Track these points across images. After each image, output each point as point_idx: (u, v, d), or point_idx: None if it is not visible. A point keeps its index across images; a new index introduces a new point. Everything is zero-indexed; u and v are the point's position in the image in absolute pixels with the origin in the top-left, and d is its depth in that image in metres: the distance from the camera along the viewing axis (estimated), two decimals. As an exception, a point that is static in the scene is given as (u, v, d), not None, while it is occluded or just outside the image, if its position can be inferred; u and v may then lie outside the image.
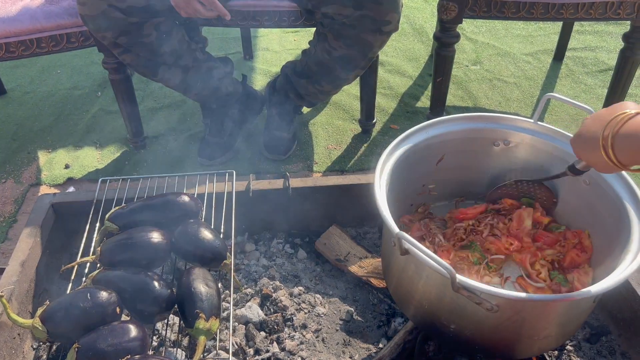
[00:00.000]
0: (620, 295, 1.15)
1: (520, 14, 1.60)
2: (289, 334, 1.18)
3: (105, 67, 1.68)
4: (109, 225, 1.15)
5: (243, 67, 2.32)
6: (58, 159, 1.87)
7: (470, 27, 2.59)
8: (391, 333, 1.20)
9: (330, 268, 1.39)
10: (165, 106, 2.11)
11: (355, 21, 1.46)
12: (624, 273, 0.87)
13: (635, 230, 0.95)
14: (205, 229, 1.10)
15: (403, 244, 0.89)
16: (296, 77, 1.73)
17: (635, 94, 2.10)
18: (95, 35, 1.52)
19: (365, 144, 1.91)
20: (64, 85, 2.26)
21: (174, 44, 1.55)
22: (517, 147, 1.21)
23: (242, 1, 1.61)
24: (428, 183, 1.29)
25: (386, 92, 2.16)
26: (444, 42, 1.69)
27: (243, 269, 1.37)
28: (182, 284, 1.01)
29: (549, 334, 0.97)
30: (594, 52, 2.37)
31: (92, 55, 2.39)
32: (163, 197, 1.18)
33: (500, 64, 2.33)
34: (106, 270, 1.04)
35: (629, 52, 1.68)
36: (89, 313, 0.93)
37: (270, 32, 2.60)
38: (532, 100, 2.10)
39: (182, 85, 1.67)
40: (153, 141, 1.94)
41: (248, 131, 1.94)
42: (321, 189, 1.41)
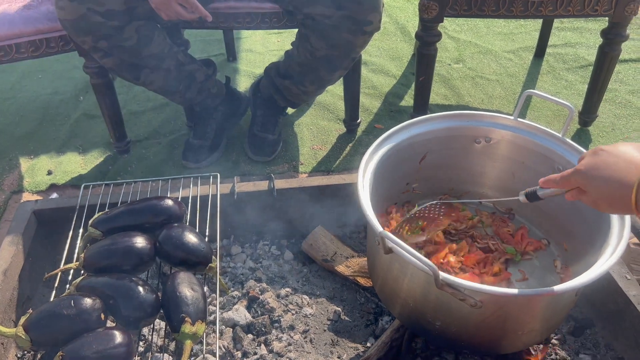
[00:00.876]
0: (602, 288, 1.17)
1: (500, 12, 1.61)
2: (276, 336, 1.18)
3: (86, 71, 1.67)
4: (92, 231, 1.14)
5: (226, 69, 2.31)
6: (40, 165, 1.85)
7: (452, 26, 2.60)
8: (379, 332, 1.20)
9: (317, 268, 1.39)
10: (149, 110, 2.10)
11: (337, 21, 1.47)
12: (604, 266, 0.88)
13: (615, 224, 0.96)
14: (189, 232, 1.09)
15: (387, 243, 0.90)
16: (280, 79, 1.73)
17: (615, 89, 2.12)
18: (75, 39, 1.51)
19: (351, 144, 1.91)
20: (45, 90, 2.24)
21: (156, 47, 1.54)
22: (498, 144, 1.22)
23: (223, 3, 1.61)
24: (412, 182, 1.30)
25: (370, 91, 2.17)
26: (426, 41, 1.70)
27: (229, 271, 1.37)
28: (167, 289, 1.01)
29: (533, 328, 0.98)
30: (574, 49, 2.40)
31: (73, 60, 2.36)
32: (146, 201, 1.17)
33: (483, 62, 2.35)
34: (90, 277, 1.03)
35: (607, 48, 1.70)
36: (73, 320, 0.92)
37: (253, 34, 2.60)
38: (514, 97, 2.12)
39: (164, 88, 1.66)
40: (137, 145, 1.92)
41: (232, 133, 1.94)
42: (306, 190, 1.42)
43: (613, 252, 0.91)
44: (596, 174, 0.77)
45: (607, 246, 0.94)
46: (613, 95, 2.09)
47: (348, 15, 1.45)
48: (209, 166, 1.80)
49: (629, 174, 0.73)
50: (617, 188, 0.74)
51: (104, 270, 1.04)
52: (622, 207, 0.74)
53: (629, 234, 0.94)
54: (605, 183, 0.75)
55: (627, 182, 0.72)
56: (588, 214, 1.07)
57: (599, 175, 0.76)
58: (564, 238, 1.19)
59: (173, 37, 1.66)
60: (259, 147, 1.82)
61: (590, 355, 1.15)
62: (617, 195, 0.74)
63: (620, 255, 0.90)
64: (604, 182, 0.76)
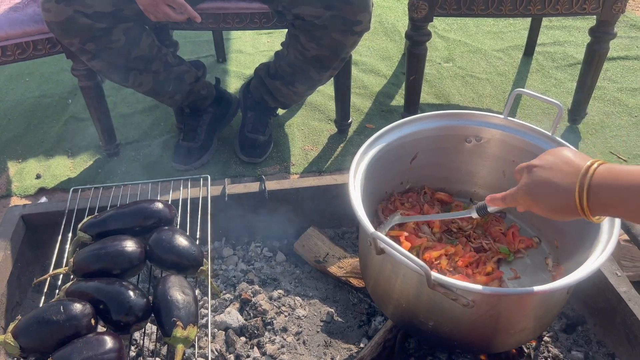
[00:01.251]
0: (594, 286, 1.17)
1: (489, 11, 1.62)
2: (269, 338, 1.18)
3: (74, 74, 1.65)
4: (82, 235, 1.12)
5: (216, 70, 2.30)
6: (29, 169, 1.83)
7: (441, 25, 2.61)
8: (372, 332, 1.20)
9: (310, 270, 1.38)
10: (138, 112, 2.09)
11: (327, 22, 1.46)
12: (595, 263, 0.89)
13: (604, 222, 0.97)
14: (180, 235, 1.08)
15: (378, 244, 0.89)
16: (270, 79, 1.72)
17: (604, 87, 2.14)
18: (62, 42, 1.49)
19: (342, 144, 1.91)
20: (33, 93, 2.22)
21: (144, 48, 1.53)
22: (488, 143, 1.22)
23: (212, 3, 1.60)
24: (404, 181, 1.30)
25: (361, 91, 2.17)
26: (416, 40, 1.71)
27: (221, 274, 1.36)
28: (158, 293, 1.00)
29: (526, 327, 0.98)
30: (562, 47, 2.41)
31: (61, 62, 2.34)
32: (136, 204, 1.16)
33: (472, 61, 2.35)
34: (80, 282, 1.02)
35: (595, 46, 1.71)
36: (62, 326, 0.91)
37: (243, 34, 2.59)
38: (504, 95, 2.13)
39: (154, 90, 1.65)
40: (126, 148, 1.91)
41: (223, 135, 1.93)
42: (298, 191, 1.41)
43: (604, 249, 0.91)
44: (538, 191, 0.80)
45: (598, 243, 0.94)
46: (602, 93, 2.11)
47: (338, 15, 1.44)
48: (200, 168, 1.80)
49: (568, 182, 0.75)
50: (560, 197, 0.76)
51: (93, 274, 1.03)
52: (571, 213, 0.76)
53: (619, 230, 0.94)
54: (549, 197, 0.78)
55: (568, 189, 0.75)
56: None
57: (540, 191, 0.80)
58: (555, 236, 1.20)
59: (162, 39, 1.65)
60: (250, 148, 1.81)
61: (583, 352, 1.15)
62: (562, 203, 0.76)
63: (610, 252, 0.90)
64: (546, 196, 0.79)
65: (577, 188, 0.73)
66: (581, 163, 0.75)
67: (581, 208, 0.74)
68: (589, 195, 0.72)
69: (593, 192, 0.72)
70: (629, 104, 2.06)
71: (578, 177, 0.74)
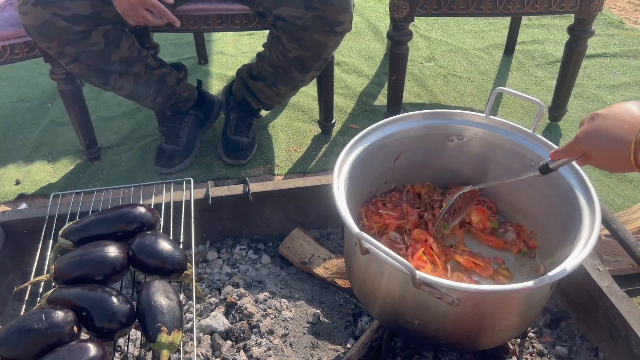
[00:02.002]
0: (576, 281, 1.19)
1: (469, 10, 1.63)
2: (255, 341, 1.17)
3: (53, 78, 1.63)
4: (63, 241, 1.11)
5: (198, 72, 2.28)
6: (8, 175, 1.80)
7: (423, 25, 2.62)
8: (358, 333, 1.20)
9: (295, 271, 1.38)
10: (119, 115, 2.06)
11: (308, 22, 1.46)
12: (577, 259, 0.90)
13: (586, 217, 0.98)
14: (163, 240, 1.07)
15: (363, 244, 0.89)
16: (252, 80, 1.72)
17: (583, 84, 2.17)
18: (40, 45, 1.47)
19: (326, 145, 1.91)
20: (11, 98, 2.18)
21: (124, 51, 1.52)
22: (470, 141, 1.23)
23: (192, 5, 1.59)
24: (388, 181, 1.30)
25: (344, 92, 2.17)
26: (397, 40, 1.71)
27: (206, 278, 1.35)
28: (142, 298, 0.99)
29: (510, 324, 0.99)
30: (542, 45, 2.44)
31: (39, 66, 2.31)
32: (118, 209, 1.14)
33: (454, 60, 2.37)
34: (61, 289, 1.00)
35: (574, 44, 1.73)
36: (44, 334, 0.89)
37: (225, 36, 2.58)
38: (485, 94, 2.14)
39: (134, 93, 1.63)
40: (108, 152, 1.89)
41: (206, 137, 1.92)
42: (282, 192, 1.41)
43: (585, 245, 0.92)
44: (595, 138, 0.80)
45: (580, 239, 0.95)
46: (581, 90, 2.14)
47: (319, 16, 1.44)
48: (183, 171, 1.78)
49: (626, 132, 0.75)
50: (616, 148, 0.76)
51: (76, 281, 1.01)
52: (625, 165, 0.76)
53: (599, 226, 0.96)
54: (605, 145, 0.78)
55: (624, 140, 0.75)
56: (560, 208, 1.09)
57: (597, 139, 0.80)
58: (536, 231, 1.21)
59: (142, 41, 1.63)
60: (233, 150, 1.80)
61: (567, 347, 1.16)
62: (618, 155, 0.76)
63: (592, 248, 0.91)
64: (604, 145, 0.78)
65: (634, 139, 0.73)
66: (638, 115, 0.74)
67: (635, 161, 0.73)
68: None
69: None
70: (608, 100, 2.09)
71: (636, 130, 0.73)
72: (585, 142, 0.82)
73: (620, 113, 0.78)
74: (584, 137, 0.82)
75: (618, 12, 2.74)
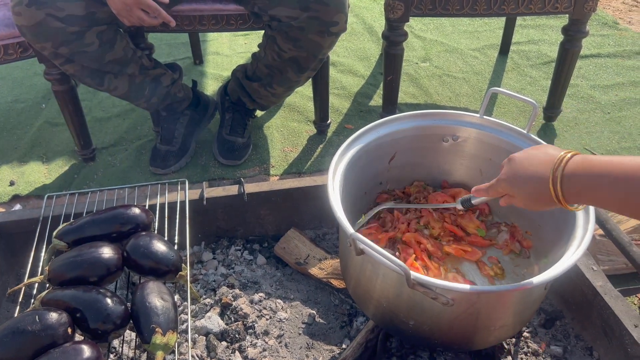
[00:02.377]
0: (570, 280, 1.19)
1: (464, 11, 1.63)
2: (251, 342, 1.17)
3: (47, 78, 1.62)
4: (57, 242, 1.10)
5: (193, 73, 2.28)
6: (2, 176, 1.79)
7: (418, 25, 2.63)
8: (353, 333, 1.20)
9: (291, 272, 1.38)
10: (114, 116, 2.06)
11: (303, 23, 1.46)
12: (571, 259, 0.90)
13: (580, 217, 0.98)
14: (157, 240, 1.07)
15: (358, 245, 0.89)
16: (247, 81, 1.71)
17: (577, 84, 2.18)
18: (34, 46, 1.46)
19: (321, 145, 1.91)
20: (5, 98, 2.17)
21: (119, 52, 1.51)
22: (465, 141, 1.23)
23: (187, 5, 1.58)
24: (383, 181, 1.31)
25: (339, 92, 2.17)
26: (393, 40, 1.71)
27: (201, 279, 1.35)
28: (137, 299, 0.99)
29: (505, 324, 0.99)
30: (537, 46, 2.45)
31: (33, 67, 2.30)
32: (113, 210, 1.14)
33: (449, 60, 2.37)
34: (56, 290, 1.00)
35: (568, 45, 1.74)
36: (38, 336, 0.89)
37: (220, 36, 2.57)
38: (480, 94, 2.15)
39: (129, 94, 1.62)
40: (103, 152, 1.88)
41: (201, 138, 1.91)
42: (277, 193, 1.40)
43: (580, 245, 0.93)
44: (515, 178, 0.83)
45: (574, 239, 0.95)
46: (575, 91, 2.14)
47: (314, 16, 1.44)
48: (178, 172, 1.78)
49: (543, 169, 0.78)
50: (536, 185, 0.79)
51: (70, 282, 1.01)
52: (548, 202, 0.79)
53: (594, 225, 0.96)
54: (525, 185, 0.81)
55: (542, 177, 0.78)
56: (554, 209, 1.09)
57: (518, 179, 0.83)
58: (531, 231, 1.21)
59: (136, 41, 1.63)
60: (229, 150, 1.80)
61: (561, 346, 1.17)
62: (539, 192, 0.79)
63: (586, 247, 0.92)
64: (524, 184, 0.82)
65: (551, 176, 0.76)
66: (556, 153, 0.78)
67: (556, 196, 0.76)
68: (562, 183, 0.75)
69: (566, 180, 0.75)
70: (602, 101, 2.10)
71: (552, 166, 0.76)
72: (507, 183, 0.85)
73: (536, 154, 0.82)
74: (505, 179, 0.85)
75: (612, 13, 2.75)
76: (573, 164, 0.75)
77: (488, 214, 1.29)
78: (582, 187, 0.74)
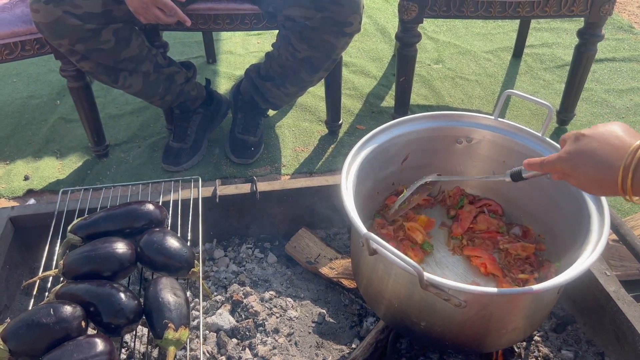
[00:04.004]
0: (583, 285, 1.18)
1: (478, 13, 1.63)
2: (261, 340, 1.18)
3: (63, 74, 1.64)
4: (72, 237, 1.12)
5: (206, 71, 2.29)
6: (17, 171, 1.81)
7: (431, 27, 2.62)
8: (363, 333, 1.20)
9: (301, 271, 1.38)
10: (128, 113, 2.07)
11: (317, 23, 1.46)
12: (585, 263, 0.89)
13: (594, 222, 0.98)
14: (171, 237, 1.08)
15: (371, 244, 0.90)
16: (261, 80, 1.72)
17: (591, 88, 2.16)
18: (51, 42, 1.48)
19: (333, 145, 1.91)
20: (21, 94, 2.19)
21: (134, 49, 1.52)
22: (479, 143, 1.23)
23: (202, 4, 1.59)
24: (395, 182, 1.30)
25: (351, 92, 2.17)
26: (406, 42, 1.71)
27: (212, 276, 1.35)
28: (149, 295, 0.99)
29: (517, 327, 0.98)
30: (551, 49, 2.44)
31: (49, 63, 2.32)
32: (127, 206, 1.15)
33: (462, 62, 2.37)
34: (70, 284, 1.01)
35: (583, 48, 1.73)
36: (52, 329, 0.90)
37: (234, 35, 2.58)
38: (493, 96, 2.14)
39: (143, 91, 1.64)
40: (116, 149, 1.90)
41: (213, 136, 1.92)
42: (289, 192, 1.41)
43: (594, 250, 0.92)
44: (580, 160, 0.78)
45: (588, 243, 0.95)
46: (589, 94, 2.13)
47: (328, 16, 1.44)
48: (190, 169, 1.79)
49: (614, 158, 0.73)
50: (603, 173, 0.75)
51: (84, 277, 1.02)
52: (608, 189, 0.75)
53: (608, 231, 0.95)
54: (591, 169, 0.76)
55: (612, 166, 0.73)
56: (568, 212, 1.09)
57: (583, 161, 0.77)
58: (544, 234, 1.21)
59: (151, 40, 1.64)
60: (241, 149, 1.81)
61: (573, 351, 1.16)
62: (604, 179, 0.75)
63: (600, 252, 0.91)
64: (590, 168, 0.76)
65: (622, 165, 0.72)
66: (631, 140, 0.73)
67: (622, 187, 0.72)
68: (634, 175, 0.71)
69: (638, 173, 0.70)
70: (616, 105, 2.08)
71: (626, 155, 0.72)
72: (568, 164, 0.80)
73: (607, 136, 0.76)
74: (568, 157, 0.80)
75: (628, 17, 2.73)
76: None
77: (502, 214, 1.28)
78: None
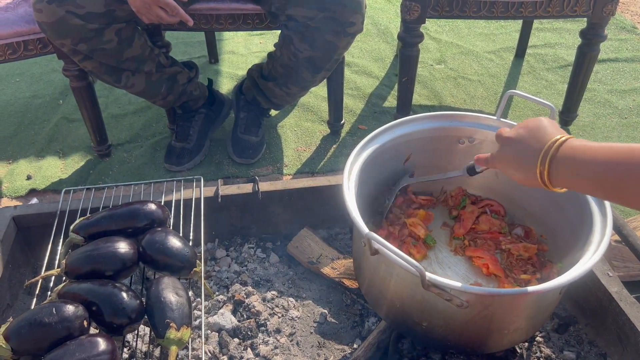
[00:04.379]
0: (585, 286, 1.18)
1: (481, 13, 1.63)
2: (262, 339, 1.18)
3: (66, 74, 1.64)
4: (74, 236, 1.12)
5: (209, 71, 2.29)
6: (19, 170, 1.81)
7: (433, 27, 2.62)
8: (365, 333, 1.20)
9: (303, 271, 1.38)
10: (130, 112, 2.08)
11: (320, 23, 1.46)
12: (588, 264, 0.89)
13: (597, 222, 0.98)
14: (173, 236, 1.08)
15: (373, 244, 0.90)
16: (263, 80, 1.72)
17: (594, 89, 2.16)
18: (54, 42, 1.48)
19: (335, 145, 1.91)
20: (24, 94, 2.20)
21: (136, 49, 1.53)
22: (481, 144, 1.23)
23: (205, 4, 1.60)
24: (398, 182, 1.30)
25: (353, 92, 2.17)
26: (408, 42, 1.71)
27: (214, 275, 1.35)
28: (151, 294, 0.99)
29: (519, 327, 0.98)
30: (553, 49, 2.43)
31: (52, 63, 2.33)
32: (129, 205, 1.15)
33: (464, 63, 2.36)
34: (72, 283, 1.01)
35: (586, 48, 1.73)
36: (54, 328, 0.90)
37: (236, 35, 2.59)
38: (495, 97, 2.14)
39: (146, 91, 1.64)
40: (118, 149, 1.90)
41: (215, 136, 1.92)
42: (291, 192, 1.41)
43: (596, 250, 0.92)
44: (506, 162, 0.85)
45: (590, 244, 0.95)
46: (592, 95, 2.13)
47: (331, 17, 1.45)
48: (192, 169, 1.79)
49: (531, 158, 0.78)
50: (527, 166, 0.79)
51: (86, 276, 1.02)
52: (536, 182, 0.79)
53: (611, 231, 0.95)
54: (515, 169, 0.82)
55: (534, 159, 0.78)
56: (570, 212, 1.08)
57: (508, 163, 0.84)
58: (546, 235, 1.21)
59: (154, 39, 1.65)
60: (243, 149, 1.81)
61: (575, 352, 1.16)
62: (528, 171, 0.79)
63: (603, 253, 0.91)
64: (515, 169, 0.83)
65: (540, 157, 0.76)
66: (553, 134, 0.77)
67: (541, 178, 0.77)
68: (550, 166, 0.75)
69: (554, 168, 0.75)
70: (619, 105, 2.08)
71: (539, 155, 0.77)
72: (499, 163, 0.87)
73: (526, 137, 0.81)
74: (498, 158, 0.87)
75: (630, 17, 2.72)
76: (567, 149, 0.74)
77: (504, 215, 1.28)
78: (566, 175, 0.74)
